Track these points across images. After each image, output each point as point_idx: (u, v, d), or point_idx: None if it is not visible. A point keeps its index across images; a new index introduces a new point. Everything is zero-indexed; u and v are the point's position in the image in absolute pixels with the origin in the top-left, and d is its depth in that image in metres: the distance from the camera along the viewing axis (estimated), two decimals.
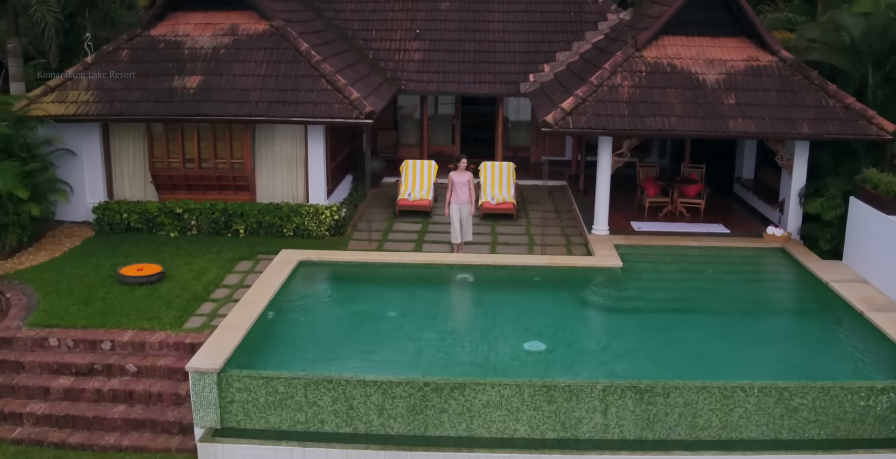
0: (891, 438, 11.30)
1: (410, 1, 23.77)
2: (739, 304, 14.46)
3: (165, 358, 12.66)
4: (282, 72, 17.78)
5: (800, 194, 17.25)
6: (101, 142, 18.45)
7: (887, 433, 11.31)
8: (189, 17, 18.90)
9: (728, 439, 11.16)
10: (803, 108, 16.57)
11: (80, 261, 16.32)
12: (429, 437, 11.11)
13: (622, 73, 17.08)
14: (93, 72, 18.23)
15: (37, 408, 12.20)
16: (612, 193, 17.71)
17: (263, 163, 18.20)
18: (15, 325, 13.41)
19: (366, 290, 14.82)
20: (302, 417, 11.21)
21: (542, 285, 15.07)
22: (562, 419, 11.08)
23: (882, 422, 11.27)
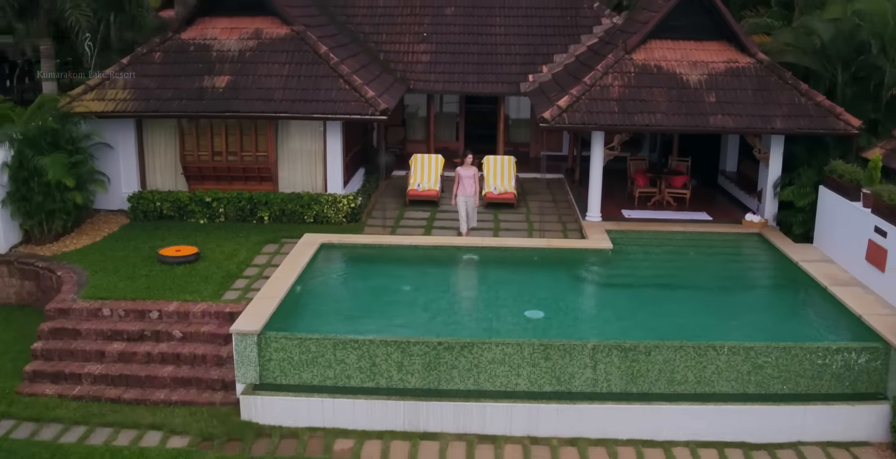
0: (845, 392, 12.95)
1: (418, 6, 25.40)
2: (718, 281, 16.12)
3: (207, 325, 14.31)
4: (303, 72, 19.44)
5: (775, 184, 18.91)
6: (136, 137, 20.11)
7: (842, 388, 12.97)
8: (216, 22, 20.55)
9: (702, 392, 12.81)
10: (777, 106, 18.24)
11: (120, 245, 17.98)
12: (441, 390, 12.78)
13: (613, 73, 18.76)
14: (127, 72, 19.85)
15: (94, 369, 13.85)
16: (604, 185, 19.38)
17: (285, 155, 19.87)
18: (70, 298, 15.06)
19: (382, 268, 16.49)
20: (331, 373, 12.86)
21: (541, 264, 16.74)
22: (557, 374, 12.74)
23: (837, 379, 12.93)
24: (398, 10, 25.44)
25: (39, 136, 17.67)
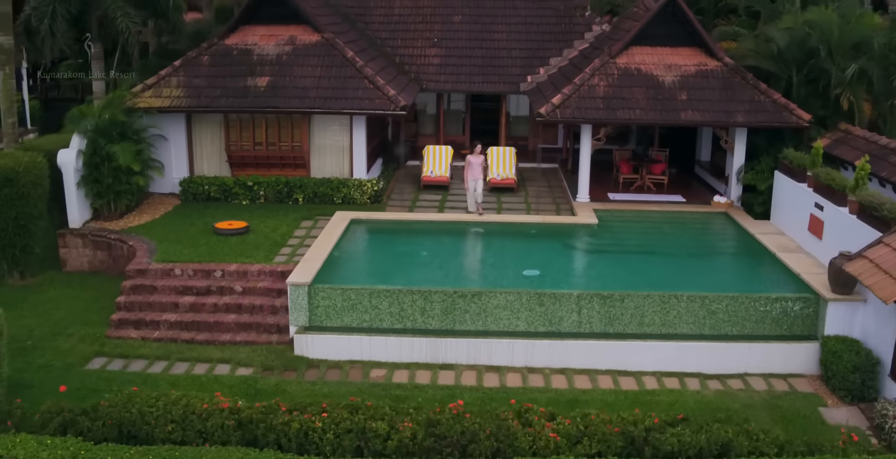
0: (782, 334, 16.01)
1: (429, 15, 28.50)
2: (687, 249, 19.19)
3: (263, 281, 17.40)
4: (333, 74, 22.52)
5: (739, 170, 22.00)
6: (186, 129, 23.17)
7: (780, 331, 16.02)
8: (256, 30, 23.64)
9: (666, 332, 15.87)
10: (740, 103, 21.33)
11: (177, 221, 21.07)
12: (456, 330, 15.84)
13: (599, 75, 21.86)
14: (179, 73, 22.94)
15: (170, 317, 16.92)
16: (593, 173, 22.47)
17: (317, 146, 22.94)
18: (145, 261, 18.14)
19: (403, 239, 19.59)
20: (367, 317, 15.94)
21: (537, 235, 19.85)
22: (549, 317, 15.82)
23: (776, 322, 15.99)
24: (411, 18, 28.52)
25: (110, 128, 20.75)
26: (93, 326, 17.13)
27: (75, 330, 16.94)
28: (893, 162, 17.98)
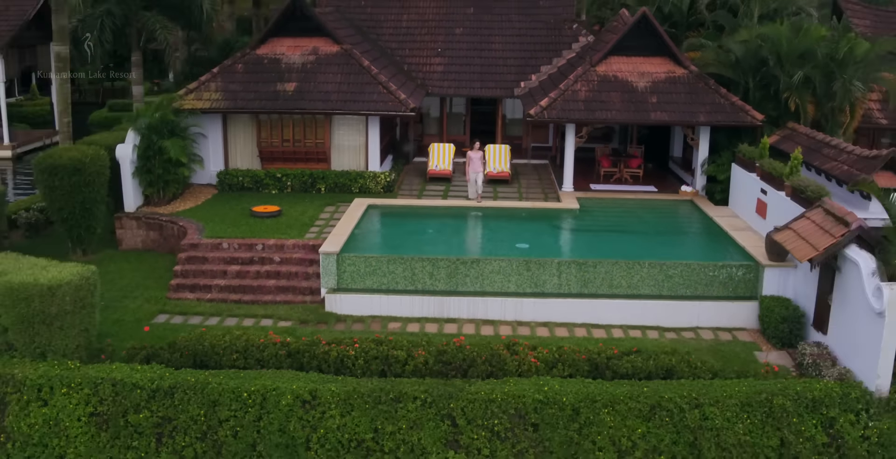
0: (728, 295, 19.35)
1: (433, 27, 31.96)
2: (655, 229, 22.59)
3: (297, 253, 20.80)
4: (351, 80, 25.97)
5: (703, 163, 25.43)
6: (222, 128, 26.60)
7: (726, 292, 19.36)
8: (283, 41, 27.09)
9: (632, 293, 19.24)
10: (702, 105, 24.78)
11: (217, 206, 24.48)
12: (458, 291, 19.21)
13: (581, 81, 25.32)
14: (217, 79, 26.38)
15: (220, 282, 20.31)
16: (578, 168, 25.90)
17: (337, 142, 26.37)
18: (196, 237, 21.54)
19: (413, 220, 23.01)
20: (385, 280, 19.32)
21: (527, 218, 23.27)
22: (534, 280, 19.19)
23: (723, 285, 19.34)
24: (417, 30, 32.00)
25: (161, 126, 24.17)
26: (153, 290, 20.50)
27: (139, 294, 20.29)
28: (825, 153, 21.39)
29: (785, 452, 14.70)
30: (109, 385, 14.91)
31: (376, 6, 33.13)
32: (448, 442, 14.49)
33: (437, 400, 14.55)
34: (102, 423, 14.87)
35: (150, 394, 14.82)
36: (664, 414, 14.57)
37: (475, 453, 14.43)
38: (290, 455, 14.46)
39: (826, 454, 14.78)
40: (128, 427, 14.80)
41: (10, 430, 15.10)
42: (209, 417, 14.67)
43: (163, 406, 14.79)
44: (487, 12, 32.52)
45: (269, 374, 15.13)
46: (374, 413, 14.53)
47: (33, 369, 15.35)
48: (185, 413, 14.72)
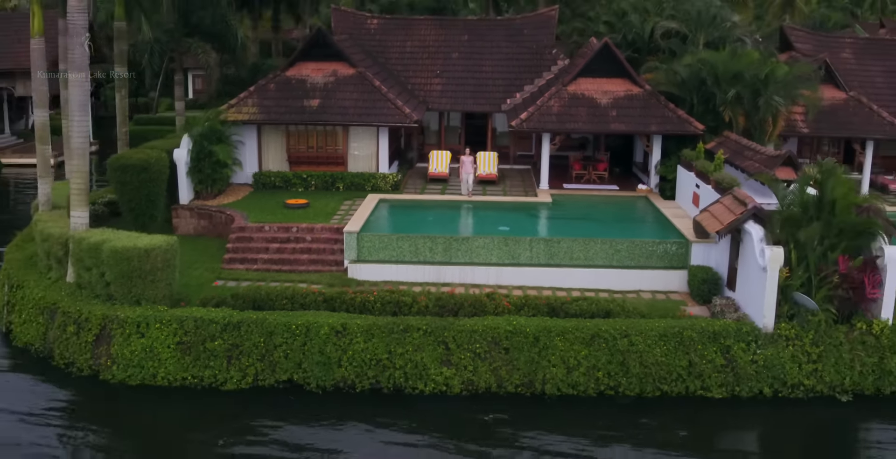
0: (664, 266, 24.58)
1: (433, 52, 37.43)
2: (613, 217, 27.93)
3: (324, 234, 26.09)
4: (364, 97, 31.40)
5: (656, 166, 30.80)
6: (257, 136, 32.01)
7: (663, 263, 24.60)
8: (308, 65, 32.56)
9: (588, 264, 24.50)
10: (654, 117, 30.19)
11: (255, 200, 29.80)
12: (452, 261, 24.48)
13: (555, 98, 30.76)
14: (253, 96, 31.81)
15: (263, 256, 25.59)
16: (554, 171, 31.27)
17: (353, 149, 31.77)
18: (243, 222, 26.85)
19: (416, 210, 28.35)
20: (394, 254, 24.59)
21: (509, 209, 28.60)
22: (511, 253, 24.46)
23: (660, 258, 24.59)
24: (419, 54, 37.50)
25: (211, 133, 29.57)
26: (210, 263, 25.70)
27: (199, 266, 25.49)
28: (745, 155, 26.75)
29: (692, 370, 19.95)
30: (192, 321, 20.20)
31: (384, 34, 38.66)
32: (442, 361, 19.78)
33: (435, 331, 19.85)
34: (186, 349, 20.14)
35: (223, 327, 20.11)
36: (601, 341, 19.85)
37: (462, 369, 19.72)
38: (326, 371, 19.74)
39: (723, 372, 20.03)
40: (205, 352, 20.07)
41: (115, 356, 20.35)
42: (266, 344, 19.96)
43: (232, 336, 20.07)
44: (480, 39, 38.02)
45: (311, 313, 20.45)
46: (388, 340, 19.82)
47: (132, 311, 20.64)
48: (248, 341, 20.01)
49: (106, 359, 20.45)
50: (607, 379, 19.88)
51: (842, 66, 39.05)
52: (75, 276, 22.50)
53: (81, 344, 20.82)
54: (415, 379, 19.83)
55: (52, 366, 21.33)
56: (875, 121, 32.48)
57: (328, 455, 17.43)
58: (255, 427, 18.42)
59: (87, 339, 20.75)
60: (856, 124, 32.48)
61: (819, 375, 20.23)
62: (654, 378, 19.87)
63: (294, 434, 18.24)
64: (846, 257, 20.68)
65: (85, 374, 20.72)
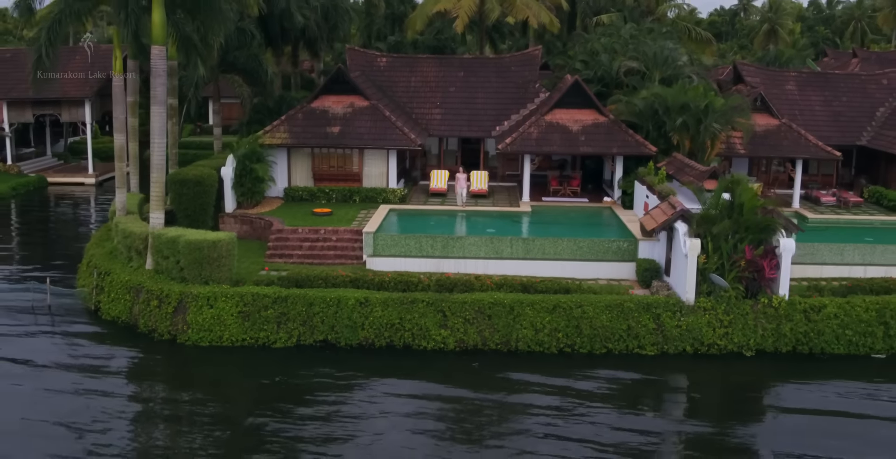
0: (618, 259, 30.90)
1: (433, 87, 44.02)
2: (580, 222, 34.34)
3: (346, 235, 32.47)
4: (377, 125, 37.95)
5: (619, 181, 37.26)
6: (287, 157, 38.54)
7: (616, 257, 30.94)
8: (329, 98, 39.17)
9: (556, 257, 30.87)
10: (615, 141, 36.69)
11: (287, 210, 36.24)
12: (449, 256, 30.81)
13: (534, 126, 37.29)
14: (284, 123, 38.35)
15: (298, 252, 31.95)
16: (535, 187, 37.72)
17: (367, 168, 38.28)
18: (280, 226, 33.24)
19: (420, 217, 34.77)
20: (403, 250, 30.91)
21: (496, 216, 35.04)
22: (496, 249, 30.79)
23: (615, 252, 30.93)
24: (422, 88, 44.12)
25: (251, 154, 36.08)
26: (254, 258, 31.95)
27: (246, 260, 31.68)
28: (685, 171, 33.18)
29: (630, 333, 26.23)
30: (250, 296, 26.54)
31: (391, 70, 45.29)
32: (440, 325, 26.08)
33: (435, 302, 26.17)
34: (245, 316, 26.45)
35: (273, 300, 26.42)
36: (561, 311, 26.15)
37: (455, 331, 26.02)
38: (352, 332, 26.03)
39: (654, 334, 26.30)
40: (260, 319, 26.37)
41: (190, 323, 26.62)
42: (307, 312, 26.27)
43: (280, 306, 26.37)
44: (473, 75, 44.66)
45: (340, 290, 26.77)
46: (400, 309, 26.14)
47: (203, 288, 26.95)
48: (293, 310, 26.32)
49: (183, 326, 26.76)
50: (566, 338, 26.17)
51: (786, 97, 45.95)
52: (154, 264, 28.84)
53: (162, 315, 27.13)
54: (419, 339, 26.13)
55: (137, 333, 27.60)
56: (802, 143, 38.97)
57: (356, 390, 23.68)
58: (299, 374, 24.68)
59: (167, 311, 27.07)
60: (785, 146, 39.01)
61: (729, 337, 26.46)
62: (601, 338, 26.16)
63: (328, 379, 24.47)
64: (751, 247, 26.98)
65: (165, 338, 26.98)
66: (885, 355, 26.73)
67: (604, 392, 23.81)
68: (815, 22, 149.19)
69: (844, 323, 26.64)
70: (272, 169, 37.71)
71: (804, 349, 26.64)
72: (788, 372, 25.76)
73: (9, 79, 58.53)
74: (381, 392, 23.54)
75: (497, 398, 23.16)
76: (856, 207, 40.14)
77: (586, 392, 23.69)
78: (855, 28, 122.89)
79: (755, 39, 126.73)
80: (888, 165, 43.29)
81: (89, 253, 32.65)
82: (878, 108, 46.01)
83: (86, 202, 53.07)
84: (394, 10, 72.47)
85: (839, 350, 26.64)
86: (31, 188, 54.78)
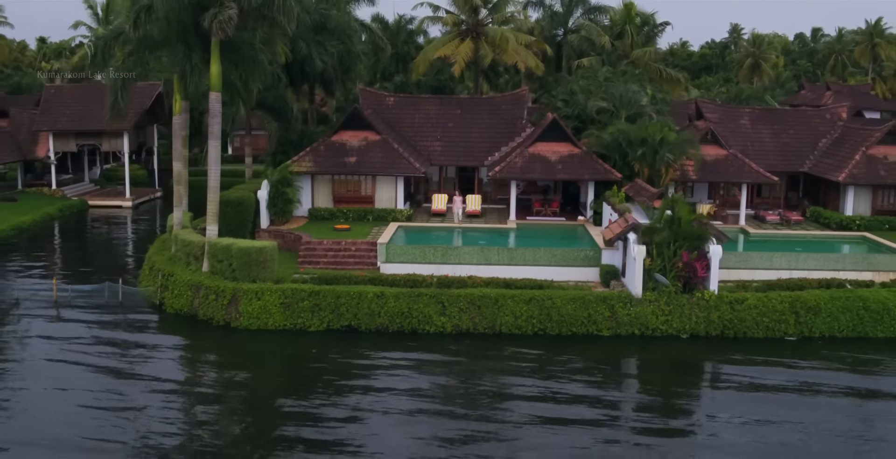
0: (585, 265, 37.93)
1: (434, 123, 51.35)
2: (557, 237, 41.45)
3: (363, 246, 39.49)
4: (386, 156, 45.19)
5: (591, 203, 44.43)
6: (311, 182, 45.77)
7: (584, 263, 37.95)
8: (347, 133, 46.48)
9: (535, 264, 37.88)
10: (587, 169, 43.91)
11: (312, 226, 43.37)
12: (447, 262, 37.85)
13: (518, 157, 44.53)
14: (309, 154, 45.62)
15: (323, 260, 38.97)
16: (521, 209, 44.87)
17: (379, 191, 45.49)
18: (308, 239, 40.37)
19: (423, 232, 41.92)
20: (410, 257, 37.91)
21: (486, 232, 42.18)
22: (485, 257, 37.80)
23: (582, 260, 37.96)
24: (425, 124, 51.46)
25: (283, 180, 43.30)
26: (288, 264, 38.89)
27: (281, 265, 38.46)
28: (641, 193, 40.34)
29: (590, 319, 33.20)
30: (290, 290, 33.55)
31: (398, 109, 52.64)
32: (441, 314, 33.06)
33: (436, 296, 33.18)
34: (286, 307, 33.43)
35: (308, 294, 33.41)
36: (535, 302, 33.14)
37: (452, 318, 32.96)
38: (371, 319, 33.00)
39: (610, 321, 33.26)
40: (298, 309, 33.34)
41: (242, 311, 33.60)
42: (335, 303, 33.27)
43: (314, 299, 33.36)
44: (469, 113, 52.04)
45: (361, 286, 33.81)
46: (408, 301, 33.15)
47: (251, 285, 33.95)
48: (324, 302, 33.32)
49: (235, 314, 33.73)
50: (539, 324, 33.11)
51: (740, 130, 53.35)
52: (209, 267, 35.86)
53: (219, 306, 34.11)
54: (424, 324, 33.08)
55: (197, 321, 34.54)
56: (745, 170, 46.21)
57: (374, 364, 30.61)
58: (329, 351, 31.64)
59: (222, 303, 34.06)
60: (731, 173, 46.23)
61: (669, 323, 33.39)
62: (567, 323, 33.11)
63: (353, 357, 31.41)
64: (687, 252, 34.02)
65: (220, 325, 33.92)
66: (795, 338, 33.56)
67: (571, 366, 30.69)
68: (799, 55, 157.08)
69: (762, 312, 33.53)
70: (299, 192, 44.84)
71: (730, 333, 33.50)
72: (717, 351, 32.54)
73: (54, 113, 65.99)
74: (391, 362, 30.43)
75: (483, 364, 30.09)
76: (797, 224, 47.27)
77: (555, 363, 30.61)
78: (836, 61, 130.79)
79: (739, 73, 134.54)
80: (826, 189, 50.47)
81: (151, 260, 39.69)
82: (820, 140, 53.24)
83: (124, 222, 60.14)
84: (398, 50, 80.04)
85: (758, 334, 33.49)
86: (74, 210, 61.85)
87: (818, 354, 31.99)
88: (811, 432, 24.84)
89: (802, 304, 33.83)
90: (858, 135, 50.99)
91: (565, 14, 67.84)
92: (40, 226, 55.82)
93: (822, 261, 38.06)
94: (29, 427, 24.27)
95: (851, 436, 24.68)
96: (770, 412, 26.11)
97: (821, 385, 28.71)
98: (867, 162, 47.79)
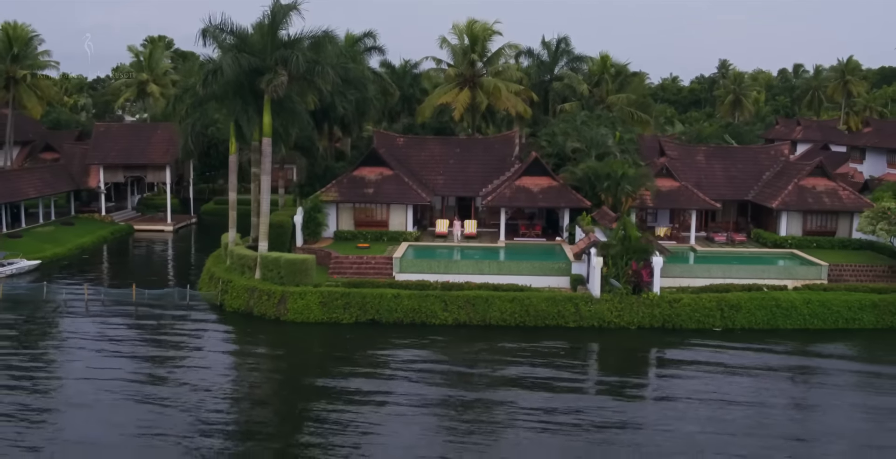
0: (559, 275, 47.58)
1: (438, 160, 61.23)
2: (538, 253, 51.16)
3: (382, 260, 49.09)
4: (398, 188, 55.05)
5: (567, 227, 54.27)
6: (336, 209, 55.66)
7: (558, 273, 47.63)
8: (365, 168, 56.42)
9: (519, 273, 47.51)
10: (563, 198, 53.74)
11: (338, 245, 53.10)
12: (448, 273, 47.53)
13: (507, 188, 54.40)
14: (335, 186, 55.53)
15: (349, 271, 48.57)
16: (510, 231, 54.66)
17: (392, 217, 55.35)
18: (336, 255, 50.13)
19: (429, 249, 51.66)
20: (418, 269, 47.54)
21: (481, 249, 51.95)
22: (480, 268, 47.52)
23: (557, 270, 47.56)
24: (430, 161, 61.39)
25: (314, 207, 53.17)
26: (321, 274, 48.47)
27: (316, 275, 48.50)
28: (605, 218, 50.08)
29: (559, 313, 42.82)
30: (327, 292, 43.25)
31: (407, 148, 62.60)
32: (444, 310, 42.74)
33: (440, 295, 42.83)
34: (324, 305, 43.10)
35: (341, 294, 43.08)
36: (517, 300, 42.80)
37: (453, 313, 42.65)
38: (390, 314, 42.62)
39: (575, 315, 42.93)
40: (333, 306, 43.00)
41: (289, 308, 43.27)
42: (362, 302, 42.88)
43: (345, 298, 42.99)
44: (467, 152, 62.04)
45: (382, 289, 43.51)
46: (418, 300, 42.82)
47: (296, 288, 43.63)
48: (353, 300, 42.94)
49: (284, 311, 43.39)
50: (520, 317, 42.76)
51: (695, 165, 63.19)
52: (261, 274, 45.55)
53: (270, 305, 43.78)
54: (430, 318, 42.74)
55: (253, 317, 44.17)
56: (694, 199, 56.07)
57: (391, 349, 40.21)
58: (359, 338, 41.25)
59: (273, 302, 43.74)
60: (682, 200, 56.09)
61: (621, 317, 42.99)
62: (542, 317, 42.76)
63: (373, 345, 41.01)
64: (635, 262, 43.74)
65: (271, 319, 43.58)
66: (720, 328, 43.13)
67: (545, 350, 40.27)
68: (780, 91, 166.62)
69: (694, 309, 43.17)
70: (327, 217, 54.69)
71: (669, 325, 43.10)
72: (659, 341, 42.12)
73: (103, 148, 76.04)
74: (406, 344, 40.01)
75: (477, 346, 39.74)
76: (740, 244, 56.93)
77: (532, 346, 40.23)
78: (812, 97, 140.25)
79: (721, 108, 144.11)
80: (766, 214, 60.25)
81: (210, 271, 49.46)
82: (764, 172, 63.03)
83: (167, 244, 69.84)
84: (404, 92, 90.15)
85: (691, 326, 43.07)
86: (123, 233, 71.61)
87: (738, 341, 41.44)
88: (731, 394, 34.03)
89: (727, 303, 43.43)
90: (794, 168, 60.90)
91: (551, 63, 78.02)
92: (98, 246, 65.60)
93: (750, 271, 47.68)
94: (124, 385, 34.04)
95: (756, 399, 34.10)
96: (700, 382, 35.47)
97: (739, 364, 38.08)
98: (798, 191, 57.53)
